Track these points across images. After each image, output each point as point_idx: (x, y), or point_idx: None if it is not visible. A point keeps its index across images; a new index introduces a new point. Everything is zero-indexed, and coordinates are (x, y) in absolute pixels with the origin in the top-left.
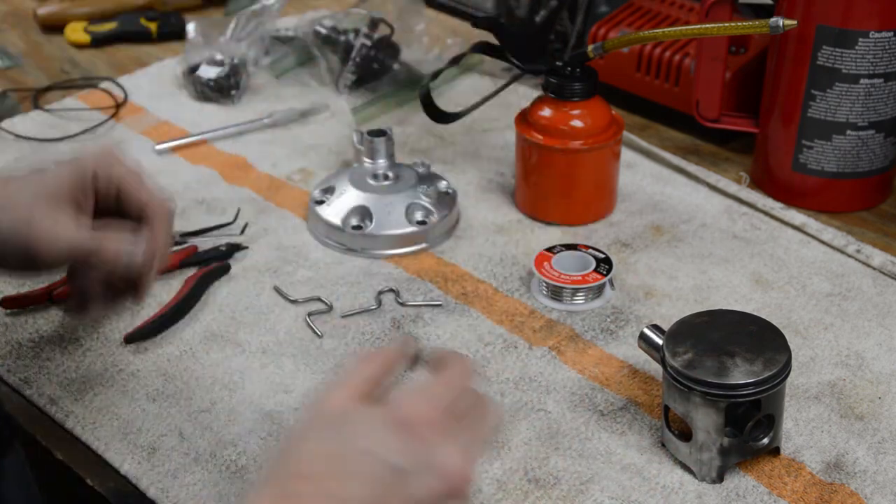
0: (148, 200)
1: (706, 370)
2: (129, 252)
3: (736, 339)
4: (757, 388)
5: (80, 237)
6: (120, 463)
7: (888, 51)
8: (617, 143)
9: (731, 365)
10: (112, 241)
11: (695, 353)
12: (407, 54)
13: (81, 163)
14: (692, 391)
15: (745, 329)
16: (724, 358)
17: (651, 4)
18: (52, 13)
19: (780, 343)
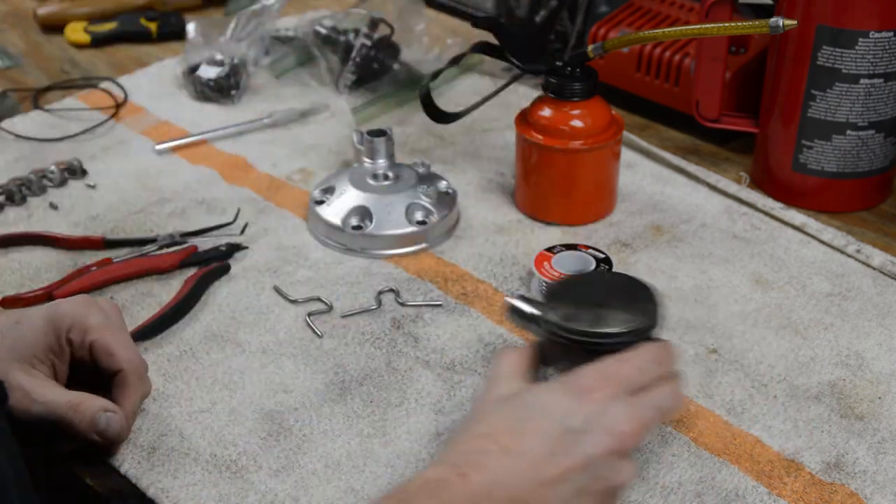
0: (119, 363)
1: (586, 322)
2: (104, 420)
3: (611, 293)
4: (635, 335)
5: (54, 403)
6: (120, 463)
7: (888, 51)
8: (617, 143)
9: (609, 315)
10: (86, 409)
11: (573, 307)
12: (407, 54)
13: (56, 321)
14: (574, 343)
15: (619, 285)
16: (601, 310)
17: (651, 4)
18: (52, 13)
19: (649, 295)
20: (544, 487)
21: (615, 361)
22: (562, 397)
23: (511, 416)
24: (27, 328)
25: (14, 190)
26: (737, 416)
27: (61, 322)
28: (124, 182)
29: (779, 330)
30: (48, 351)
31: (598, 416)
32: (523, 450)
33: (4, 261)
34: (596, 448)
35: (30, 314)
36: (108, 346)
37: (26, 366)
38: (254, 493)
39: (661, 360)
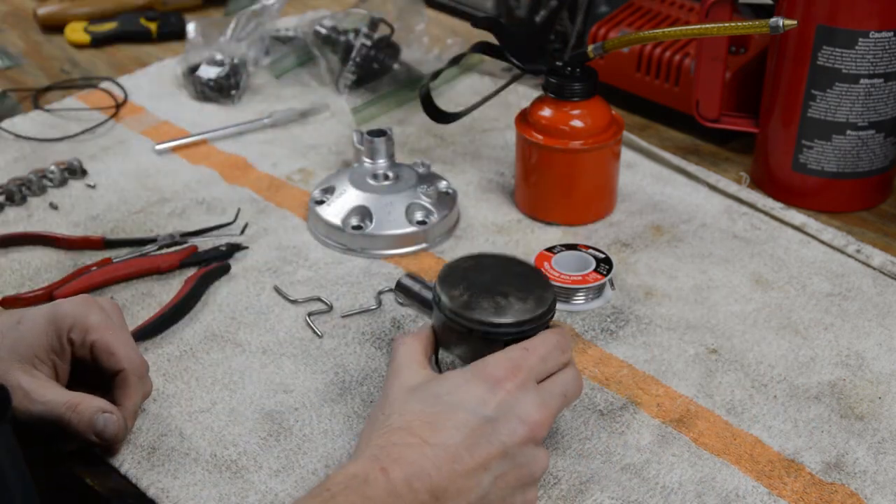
0: (120, 363)
1: (485, 310)
2: (102, 421)
3: (505, 280)
4: (532, 324)
5: (53, 403)
6: (120, 463)
7: (888, 51)
8: (617, 143)
9: (507, 304)
10: (84, 409)
11: (470, 295)
12: (407, 54)
13: (57, 320)
14: (472, 332)
15: (512, 271)
16: (498, 298)
17: (651, 4)
18: (52, 13)
19: (544, 281)
20: (464, 478)
21: (522, 350)
22: (474, 388)
23: (426, 408)
24: (28, 328)
25: (14, 190)
26: (737, 416)
27: (62, 322)
28: (124, 182)
29: (779, 330)
30: (49, 351)
31: (510, 405)
32: (441, 441)
33: (4, 261)
34: (511, 437)
35: (31, 314)
36: (109, 345)
37: (27, 366)
38: (254, 493)
39: (563, 347)
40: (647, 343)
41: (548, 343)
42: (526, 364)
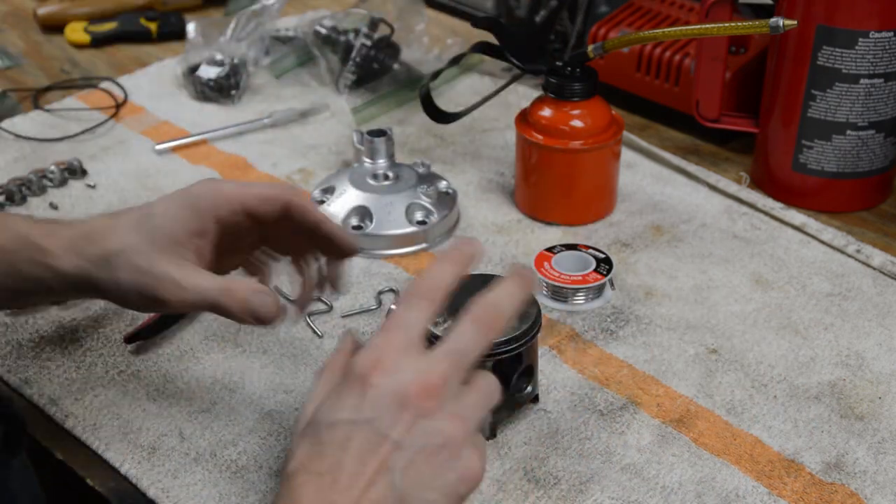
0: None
1: None
2: (258, 300)
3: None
4: (519, 342)
5: (206, 290)
6: (120, 463)
7: (888, 51)
8: (617, 143)
9: None
10: (237, 292)
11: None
12: (407, 54)
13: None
14: None
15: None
16: None
17: (651, 4)
18: (52, 13)
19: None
20: (368, 490)
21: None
22: (346, 397)
23: (313, 440)
24: (163, 217)
25: (14, 190)
26: (737, 416)
27: (199, 202)
28: (124, 182)
29: (779, 330)
30: (191, 235)
31: (381, 395)
32: (330, 467)
33: None
34: (393, 425)
35: (160, 205)
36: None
37: (171, 255)
38: (254, 493)
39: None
40: (647, 343)
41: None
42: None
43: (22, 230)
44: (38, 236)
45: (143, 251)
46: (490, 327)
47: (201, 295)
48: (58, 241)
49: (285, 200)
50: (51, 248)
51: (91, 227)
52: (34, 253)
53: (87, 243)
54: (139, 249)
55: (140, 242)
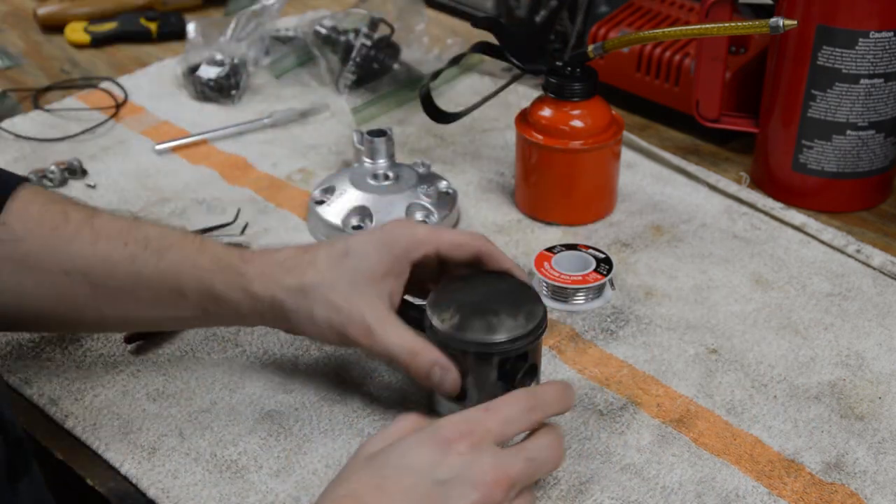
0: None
1: (476, 331)
2: (438, 376)
3: (494, 297)
4: (525, 340)
5: (394, 348)
6: (120, 463)
7: (888, 51)
8: (617, 143)
9: (498, 322)
10: (422, 361)
11: (461, 317)
12: (407, 54)
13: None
14: (466, 353)
15: (501, 287)
16: (489, 316)
17: (651, 4)
18: (52, 13)
19: (533, 295)
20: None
21: (480, 411)
22: (425, 451)
23: (375, 474)
24: (359, 258)
25: None
26: (737, 416)
27: (396, 246)
28: (124, 182)
29: (779, 330)
30: (386, 276)
31: (462, 468)
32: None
33: None
34: (461, 501)
35: (355, 245)
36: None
37: (367, 297)
38: (254, 493)
39: (533, 408)
40: (647, 343)
41: (512, 404)
42: (481, 426)
43: (219, 253)
44: (237, 261)
45: (340, 289)
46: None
47: (388, 351)
48: (255, 268)
49: (477, 248)
50: (248, 274)
51: (287, 258)
52: (233, 276)
53: (285, 273)
54: (336, 286)
55: (337, 280)
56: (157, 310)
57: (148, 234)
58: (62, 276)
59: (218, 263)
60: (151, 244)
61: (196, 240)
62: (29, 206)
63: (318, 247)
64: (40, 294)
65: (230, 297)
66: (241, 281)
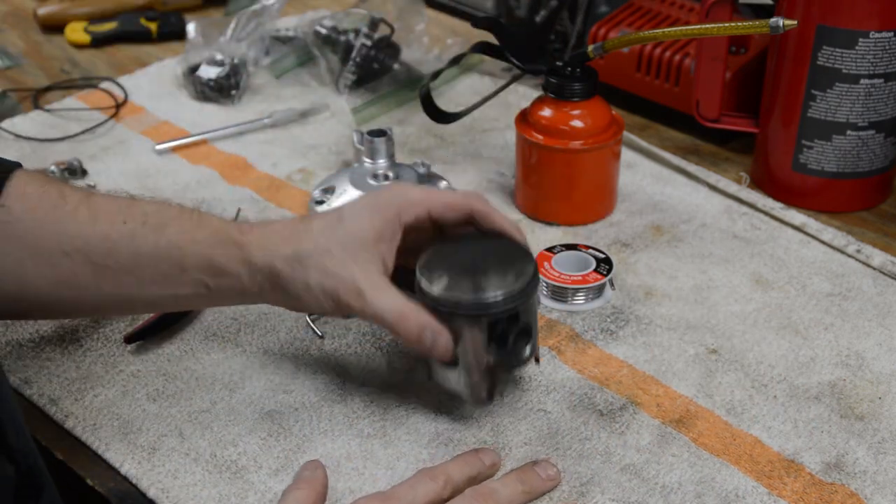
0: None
1: (464, 290)
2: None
3: (485, 257)
4: (515, 301)
5: (384, 311)
6: (120, 463)
7: (888, 51)
8: (617, 143)
9: (486, 282)
10: (412, 324)
11: (449, 277)
12: (407, 54)
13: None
14: (454, 314)
15: (492, 247)
16: (478, 277)
17: (651, 4)
18: (52, 13)
19: (525, 254)
20: None
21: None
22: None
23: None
24: (352, 223)
25: None
26: (737, 416)
27: (388, 209)
28: (124, 182)
29: (779, 330)
30: (378, 240)
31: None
32: None
33: None
34: None
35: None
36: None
37: (359, 260)
38: (254, 493)
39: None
40: (647, 343)
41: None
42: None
43: (218, 226)
44: (236, 233)
45: (335, 254)
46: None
47: (378, 314)
48: (252, 238)
49: (470, 207)
50: (247, 245)
51: (283, 227)
52: (232, 248)
53: (282, 241)
54: (330, 252)
55: (331, 245)
56: (158, 287)
57: (146, 210)
58: (62, 256)
59: (217, 236)
60: (150, 220)
61: (194, 214)
62: (27, 188)
63: (315, 216)
64: (40, 276)
65: (230, 269)
66: (240, 253)
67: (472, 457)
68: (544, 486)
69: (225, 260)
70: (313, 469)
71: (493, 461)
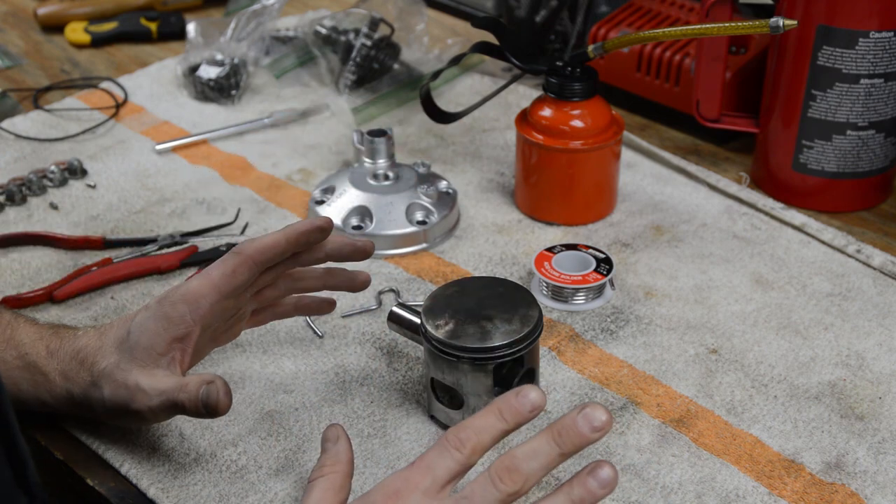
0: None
1: (470, 337)
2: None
3: (489, 302)
4: (520, 345)
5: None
6: (120, 463)
7: (888, 51)
8: (617, 143)
9: (492, 328)
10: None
11: (455, 323)
12: (407, 54)
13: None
14: (460, 360)
15: (495, 292)
16: (483, 322)
17: (651, 4)
18: (52, 13)
19: (529, 299)
20: None
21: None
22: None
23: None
24: (139, 334)
25: (14, 190)
26: (737, 416)
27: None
28: (124, 182)
29: (779, 330)
30: (170, 343)
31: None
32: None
33: (5, 261)
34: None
35: (137, 321)
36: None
37: (147, 367)
38: (254, 493)
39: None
40: (647, 343)
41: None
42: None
43: (24, 349)
44: (41, 360)
45: (124, 367)
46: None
47: (163, 395)
48: (56, 365)
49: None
50: (50, 374)
51: (83, 347)
52: (36, 377)
53: (80, 366)
54: (120, 366)
55: (121, 359)
56: None
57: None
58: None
59: (22, 360)
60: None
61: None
62: None
63: (110, 327)
64: None
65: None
66: (45, 382)
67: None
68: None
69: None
70: (335, 440)
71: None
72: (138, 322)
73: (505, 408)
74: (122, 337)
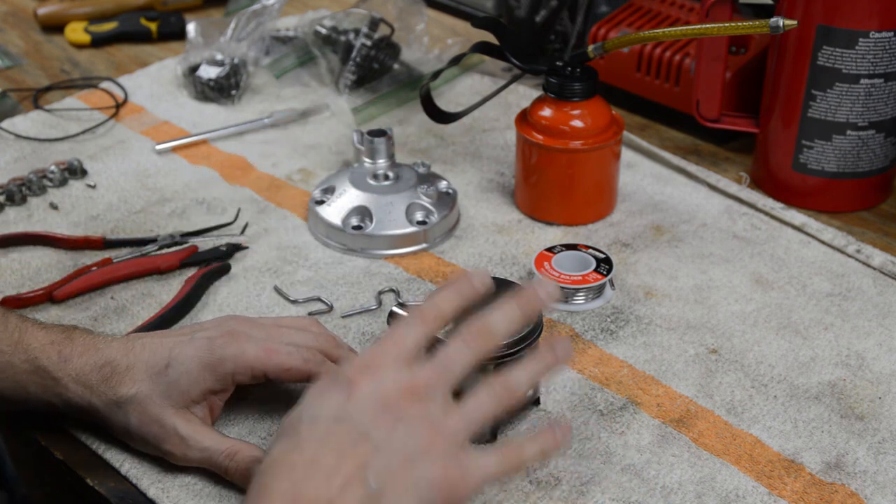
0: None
1: None
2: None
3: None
4: (521, 345)
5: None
6: (120, 463)
7: (888, 51)
8: (617, 143)
9: None
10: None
11: (455, 323)
12: (407, 54)
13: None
14: None
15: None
16: None
17: (651, 4)
18: (52, 13)
19: None
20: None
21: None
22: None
23: (289, 435)
24: (180, 374)
25: (14, 190)
26: (737, 416)
27: (221, 367)
28: (124, 182)
29: (779, 330)
30: (206, 392)
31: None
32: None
33: (4, 261)
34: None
35: (179, 359)
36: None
37: (182, 410)
38: None
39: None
40: (647, 343)
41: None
42: (378, 358)
43: (34, 353)
44: (52, 364)
45: (156, 402)
46: (479, 345)
47: (205, 453)
48: (71, 371)
49: (308, 374)
50: (63, 380)
51: (107, 362)
52: (46, 381)
53: (101, 381)
54: (152, 399)
55: (154, 392)
56: None
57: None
58: None
59: (30, 364)
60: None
61: (15, 333)
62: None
63: (142, 350)
64: None
65: (44, 399)
66: (55, 387)
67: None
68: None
69: (38, 390)
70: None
71: (485, 282)
72: (180, 360)
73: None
74: (159, 368)
